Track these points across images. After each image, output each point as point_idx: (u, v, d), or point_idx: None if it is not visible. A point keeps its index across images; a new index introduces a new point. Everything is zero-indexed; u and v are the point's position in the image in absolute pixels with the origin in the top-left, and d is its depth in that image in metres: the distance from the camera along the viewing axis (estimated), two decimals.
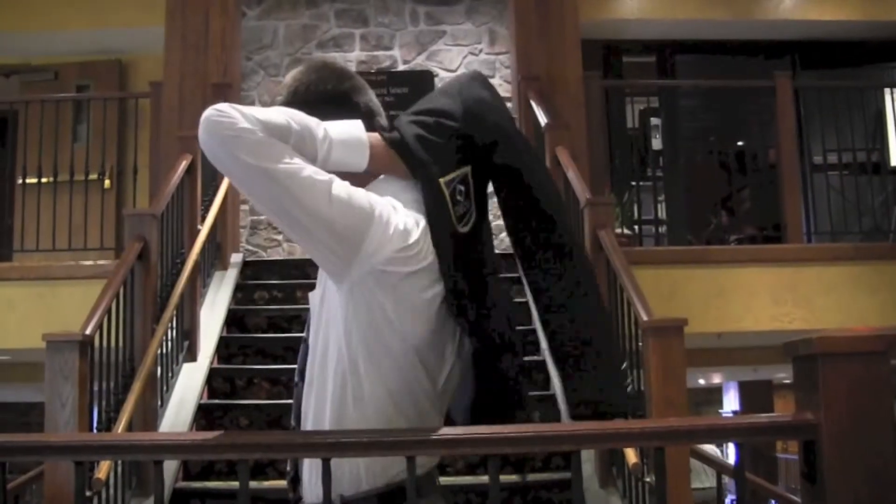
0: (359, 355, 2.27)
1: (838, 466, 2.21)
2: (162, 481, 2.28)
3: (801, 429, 2.28)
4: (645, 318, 5.60)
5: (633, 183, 9.90)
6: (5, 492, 2.30)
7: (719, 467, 6.40)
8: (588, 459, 6.39)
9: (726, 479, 6.20)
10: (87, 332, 5.59)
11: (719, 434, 2.46)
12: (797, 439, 2.32)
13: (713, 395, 24.33)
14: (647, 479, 5.40)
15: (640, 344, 5.74)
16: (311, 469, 2.37)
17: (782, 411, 21.37)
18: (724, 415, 22.35)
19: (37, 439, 2.37)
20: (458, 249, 2.34)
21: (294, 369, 7.39)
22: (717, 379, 21.48)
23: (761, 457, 18.46)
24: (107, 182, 10.22)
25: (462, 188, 2.40)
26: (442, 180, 2.36)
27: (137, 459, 5.89)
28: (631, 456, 5.32)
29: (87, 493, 5.08)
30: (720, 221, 11.82)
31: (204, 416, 7.14)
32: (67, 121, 9.96)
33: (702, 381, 20.89)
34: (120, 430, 5.54)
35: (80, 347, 5.45)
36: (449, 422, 2.42)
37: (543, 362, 7.54)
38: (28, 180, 9.58)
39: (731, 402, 23.16)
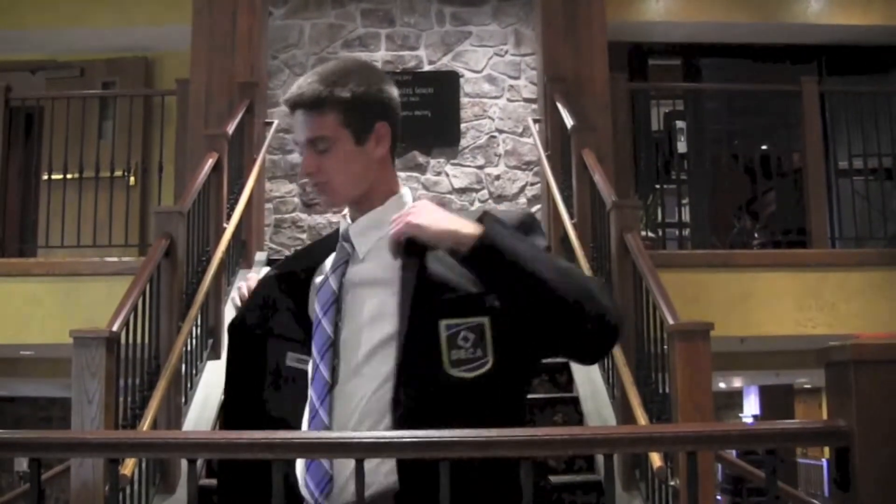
0: None
1: (871, 474, 2.19)
2: (195, 480, 2.27)
3: (833, 435, 2.25)
4: (671, 321, 5.58)
5: (658, 186, 9.89)
6: (40, 487, 2.31)
7: (745, 472, 6.39)
8: None
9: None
10: (114, 328, 5.57)
11: (752, 439, 2.40)
12: (829, 446, 2.29)
13: (733, 399, 24.29)
14: (672, 483, 5.38)
15: (666, 347, 5.73)
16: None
17: (803, 416, 21.35)
18: (744, 419, 22.35)
19: (73, 436, 2.38)
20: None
21: None
22: (737, 383, 21.44)
23: (780, 461, 18.46)
24: (132, 179, 10.24)
25: (470, 336, 2.38)
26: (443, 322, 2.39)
27: (172, 457, 5.91)
28: (655, 459, 5.30)
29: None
30: (744, 225, 11.79)
31: None
32: (93, 117, 9.95)
33: (722, 385, 20.87)
34: (146, 428, 5.54)
35: (107, 344, 5.43)
36: None
37: (566, 364, 7.56)
38: (53, 176, 9.60)
39: (751, 407, 23.11)
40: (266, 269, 2.60)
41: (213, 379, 7.27)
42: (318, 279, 2.58)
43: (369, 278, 2.49)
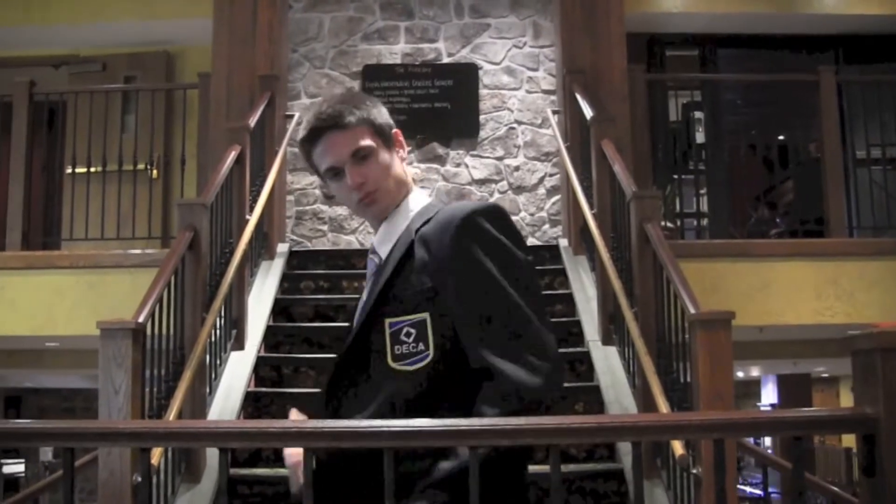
0: None
1: None
2: (227, 469, 2.32)
3: (860, 423, 2.26)
4: (692, 310, 5.59)
5: (676, 176, 9.91)
6: (73, 476, 2.33)
7: (765, 460, 6.42)
8: (630, 452, 6.37)
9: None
10: (140, 319, 5.60)
11: (779, 427, 2.42)
12: (856, 433, 2.30)
13: (751, 388, 24.26)
14: (694, 471, 5.40)
15: (687, 336, 5.75)
16: None
17: (821, 405, 21.30)
18: (762, 408, 22.32)
19: (105, 426, 2.38)
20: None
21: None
22: (755, 372, 21.40)
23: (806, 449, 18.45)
24: (154, 172, 10.31)
25: (412, 331, 2.50)
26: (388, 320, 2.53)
27: (203, 447, 5.95)
28: (677, 447, 5.29)
29: (139, 479, 5.11)
30: (762, 215, 11.79)
31: (251, 403, 7.20)
32: (115, 111, 10.02)
33: (740, 374, 20.83)
34: (171, 417, 5.57)
35: (134, 335, 5.45)
36: None
37: (587, 353, 7.60)
38: (77, 170, 9.68)
39: (769, 396, 23.08)
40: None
41: (236, 369, 7.35)
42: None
43: None
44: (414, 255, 2.54)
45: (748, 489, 16.96)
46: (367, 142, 2.63)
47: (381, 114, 2.72)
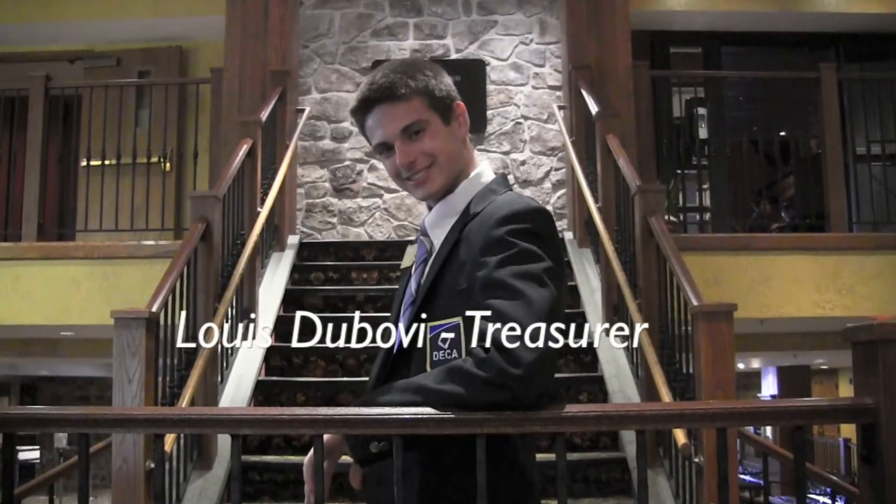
0: None
1: None
2: (239, 455, 2.37)
3: (860, 412, 2.30)
4: (695, 302, 5.64)
5: (679, 171, 9.99)
6: (88, 463, 2.41)
7: (765, 448, 6.52)
8: (634, 440, 6.38)
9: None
10: (154, 309, 5.63)
11: (781, 416, 2.39)
12: (857, 423, 2.33)
13: (751, 380, 24.39)
14: (696, 460, 5.45)
15: (690, 328, 5.81)
16: None
17: (820, 396, 21.43)
18: (763, 399, 22.44)
19: (120, 412, 2.37)
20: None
21: (347, 349, 7.33)
22: (756, 364, 21.49)
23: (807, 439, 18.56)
24: (167, 165, 10.42)
25: (448, 336, 2.37)
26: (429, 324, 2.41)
27: (215, 433, 6.01)
28: (680, 436, 5.34)
29: (152, 465, 5.17)
30: (763, 210, 11.89)
31: (261, 392, 7.27)
32: (129, 105, 10.04)
33: (741, 366, 20.90)
34: (184, 406, 5.61)
35: (147, 324, 5.48)
36: None
37: (591, 345, 7.72)
38: (91, 163, 9.78)
39: (769, 387, 23.20)
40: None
41: (247, 359, 7.42)
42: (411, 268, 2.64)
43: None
44: (460, 250, 2.40)
45: (747, 477, 17.12)
46: (420, 116, 2.44)
47: (442, 83, 2.51)
